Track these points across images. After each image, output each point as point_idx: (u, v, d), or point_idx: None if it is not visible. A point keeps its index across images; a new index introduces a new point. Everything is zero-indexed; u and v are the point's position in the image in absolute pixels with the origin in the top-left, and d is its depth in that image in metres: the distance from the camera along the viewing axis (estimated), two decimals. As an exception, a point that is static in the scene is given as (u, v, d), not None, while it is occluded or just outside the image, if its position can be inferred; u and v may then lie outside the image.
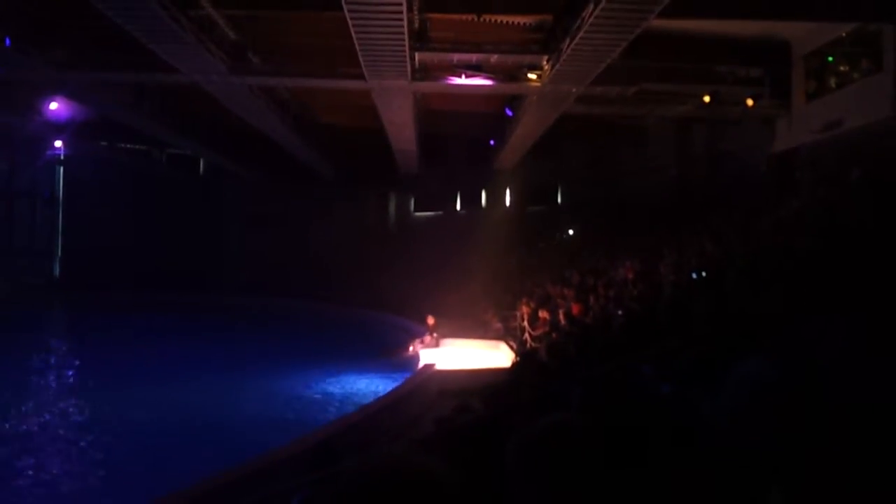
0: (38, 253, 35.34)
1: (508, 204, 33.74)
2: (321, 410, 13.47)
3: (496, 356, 17.27)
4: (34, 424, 12.62)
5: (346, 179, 33.23)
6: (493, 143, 27.46)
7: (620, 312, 12.66)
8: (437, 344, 18.75)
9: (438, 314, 19.67)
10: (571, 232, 28.62)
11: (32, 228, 35.31)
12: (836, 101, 16.88)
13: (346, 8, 11.60)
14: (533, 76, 16.52)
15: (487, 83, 16.81)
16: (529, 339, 16.32)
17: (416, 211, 37.14)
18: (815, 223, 11.96)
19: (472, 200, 35.15)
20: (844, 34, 16.58)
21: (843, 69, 17.18)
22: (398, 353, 19.16)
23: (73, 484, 9.72)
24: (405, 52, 14.15)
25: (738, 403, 1.60)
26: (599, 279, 17.08)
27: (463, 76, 16.52)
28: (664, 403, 2.57)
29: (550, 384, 7.17)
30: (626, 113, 21.36)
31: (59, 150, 30.99)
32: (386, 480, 1.14)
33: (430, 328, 19.23)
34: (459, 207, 35.80)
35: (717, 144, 23.05)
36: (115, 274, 31.50)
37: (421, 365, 16.09)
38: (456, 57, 16.07)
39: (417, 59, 15.48)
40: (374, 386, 15.45)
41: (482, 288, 22.89)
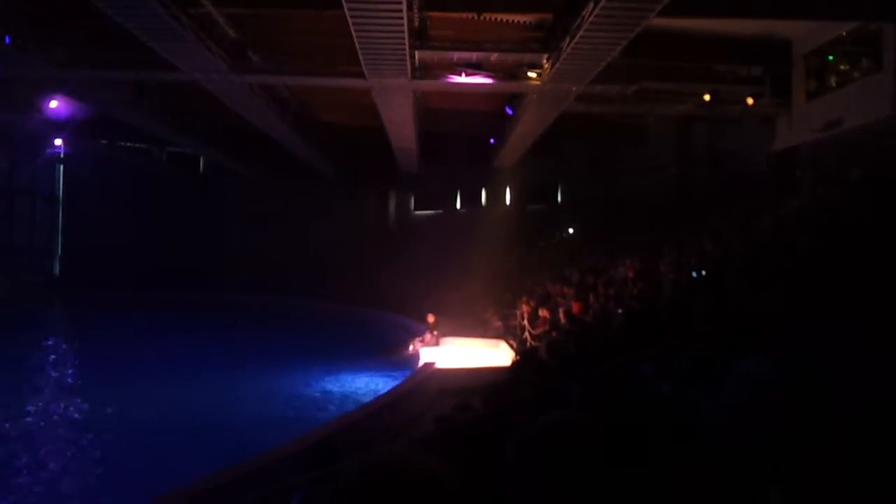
0: (38, 251, 35.31)
1: (508, 202, 33.71)
2: (321, 409, 13.50)
3: (496, 355, 17.26)
4: (34, 423, 12.62)
5: (346, 178, 33.20)
6: (493, 141, 27.44)
7: (620, 311, 12.66)
8: (437, 342, 18.75)
9: (438, 313, 19.66)
10: (571, 230, 28.63)
11: (32, 226, 35.26)
12: (836, 100, 16.88)
13: (346, 6, 11.59)
14: (533, 75, 16.50)
15: (487, 82, 16.79)
16: (529, 337, 16.32)
17: (416, 209, 37.12)
18: (815, 222, 11.95)
19: (472, 199, 35.14)
20: (845, 33, 16.58)
21: (843, 68, 17.18)
22: (398, 351, 19.17)
23: (73, 482, 9.73)
24: (405, 50, 14.13)
25: (738, 402, 1.60)
26: (599, 278, 17.08)
27: (463, 74, 16.51)
28: (664, 402, 2.57)
29: (550, 383, 7.17)
30: (626, 111, 21.34)
31: (59, 148, 30.95)
32: (386, 479, 1.13)
33: (430, 326, 19.23)
34: (459, 206, 35.78)
35: (717, 143, 23.04)
36: (115, 272, 31.50)
37: (421, 363, 16.10)
38: (456, 55, 16.06)
39: (417, 57, 15.47)
40: (374, 384, 15.47)
41: (482, 286, 22.89)
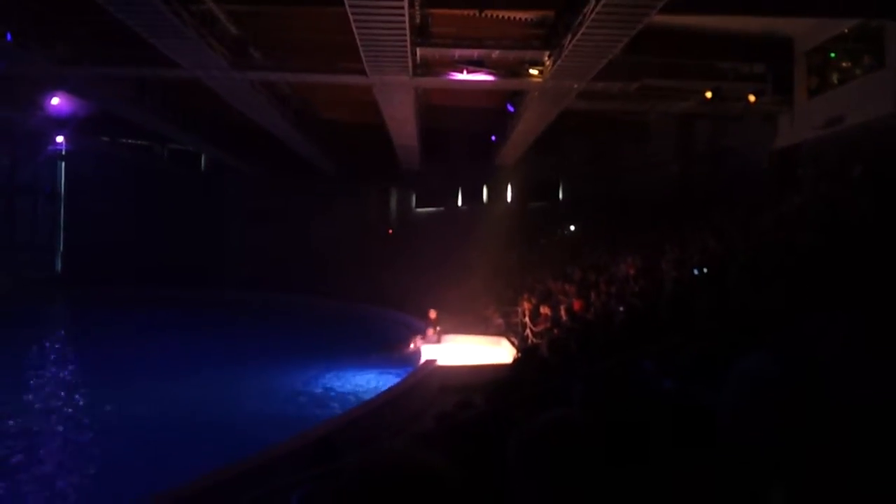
0: (39, 248, 35.39)
1: (510, 200, 33.68)
2: (322, 406, 13.51)
3: (497, 352, 17.27)
4: (36, 420, 12.64)
5: (347, 175, 33.21)
6: (494, 138, 27.40)
7: (622, 309, 12.64)
8: (439, 339, 18.77)
9: (440, 310, 19.68)
10: (573, 228, 28.61)
11: (34, 223, 35.33)
12: (838, 97, 16.85)
13: (347, 3, 11.57)
14: (534, 72, 16.46)
15: (489, 79, 16.76)
16: (531, 335, 16.32)
17: (417, 207, 37.12)
18: (816, 219, 11.93)
19: (473, 196, 35.14)
20: (847, 30, 16.54)
21: (845, 65, 17.13)
22: (399, 348, 19.19)
23: (74, 479, 9.75)
24: (406, 47, 14.11)
25: (739, 399, 1.60)
26: (601, 275, 17.07)
27: (464, 72, 16.47)
28: (665, 399, 2.57)
29: (552, 380, 7.18)
30: (627, 109, 21.30)
31: (60, 145, 30.93)
32: (387, 476, 1.13)
33: (432, 321, 19.24)
34: (461, 203, 35.78)
35: (719, 140, 23.02)
36: (116, 269, 31.58)
37: (422, 361, 16.12)
38: (457, 52, 16.03)
39: (419, 54, 15.45)
40: (375, 382, 15.49)
41: (483, 284, 22.87)
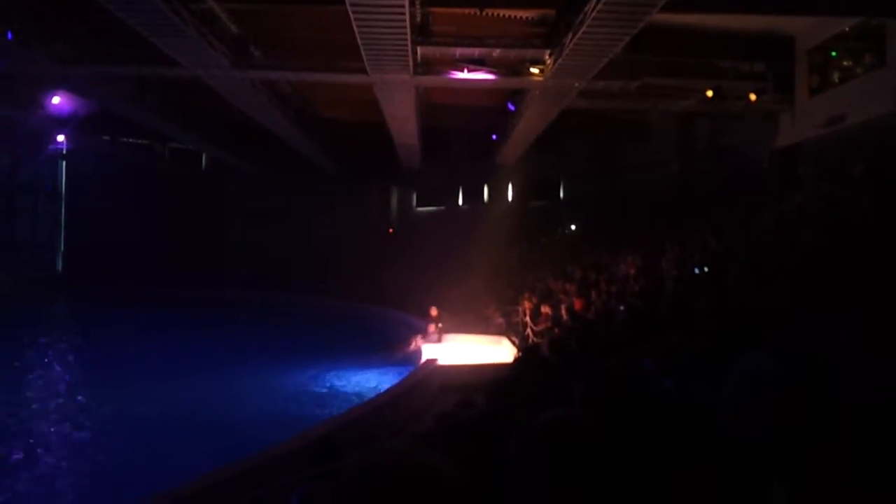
0: (40, 247, 35.40)
1: (510, 199, 33.66)
2: (322, 405, 13.51)
3: (498, 351, 17.27)
4: (36, 418, 12.65)
5: (347, 174, 33.20)
6: (495, 137, 27.39)
7: (622, 308, 12.63)
8: (439, 337, 18.78)
9: (441, 309, 19.69)
10: (573, 227, 28.60)
11: (35, 222, 35.34)
12: (839, 96, 16.83)
13: (348, 2, 11.57)
14: (535, 71, 16.45)
15: (489, 77, 16.75)
16: (531, 334, 16.31)
17: (418, 206, 37.10)
18: (817, 218, 11.92)
19: (474, 195, 35.12)
20: (848, 29, 16.52)
21: (846, 64, 17.13)
22: (400, 348, 19.19)
23: (74, 478, 9.76)
24: (407, 46, 14.11)
25: (740, 398, 1.60)
26: (601, 274, 17.06)
27: (465, 70, 16.46)
28: (666, 398, 2.56)
29: (552, 379, 7.18)
30: (628, 108, 21.29)
31: (61, 144, 30.95)
32: (387, 476, 1.13)
33: (433, 319, 19.25)
34: (461, 202, 35.77)
35: (719, 139, 23.01)
36: (117, 268, 31.59)
37: (423, 360, 16.12)
38: (458, 51, 16.02)
39: (419, 53, 15.45)
40: (375, 381, 15.48)
41: (484, 283, 22.88)
